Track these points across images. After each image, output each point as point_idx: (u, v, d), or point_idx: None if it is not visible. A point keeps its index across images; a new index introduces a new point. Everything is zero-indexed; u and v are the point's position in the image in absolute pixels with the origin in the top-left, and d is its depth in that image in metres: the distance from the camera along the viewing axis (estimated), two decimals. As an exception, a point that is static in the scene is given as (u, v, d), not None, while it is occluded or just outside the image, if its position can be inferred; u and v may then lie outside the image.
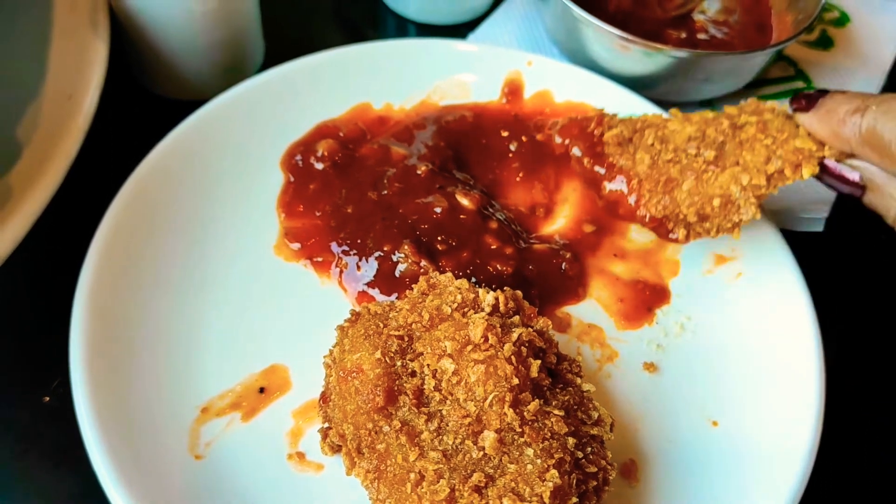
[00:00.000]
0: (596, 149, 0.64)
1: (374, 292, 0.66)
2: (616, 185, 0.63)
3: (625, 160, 0.63)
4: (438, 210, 0.67)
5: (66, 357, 0.57)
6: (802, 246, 0.68)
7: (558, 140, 0.67)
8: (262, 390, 0.60)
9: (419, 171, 0.70)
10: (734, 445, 0.59)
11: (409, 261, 0.65)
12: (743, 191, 0.58)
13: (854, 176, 0.56)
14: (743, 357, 0.63)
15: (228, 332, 0.63)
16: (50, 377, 0.63)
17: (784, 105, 0.61)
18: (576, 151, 0.65)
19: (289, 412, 0.59)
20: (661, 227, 0.62)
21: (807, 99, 0.58)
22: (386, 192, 0.69)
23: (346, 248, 0.68)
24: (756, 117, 0.60)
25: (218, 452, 0.57)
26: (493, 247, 0.67)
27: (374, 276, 0.66)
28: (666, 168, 0.61)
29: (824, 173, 0.58)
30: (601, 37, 0.78)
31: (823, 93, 0.57)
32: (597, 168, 0.64)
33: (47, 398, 0.63)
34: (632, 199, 0.62)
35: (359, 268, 0.67)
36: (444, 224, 0.67)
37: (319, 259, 0.68)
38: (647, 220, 0.62)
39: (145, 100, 0.82)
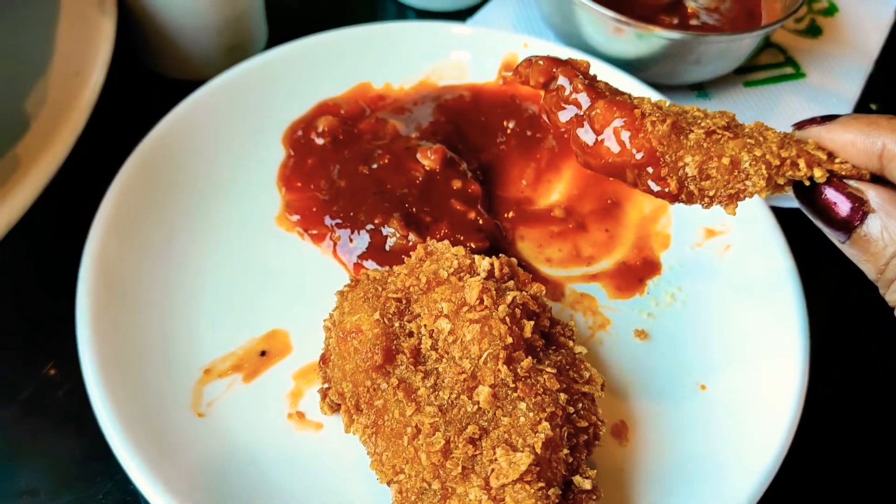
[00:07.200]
0: (591, 80, 0.53)
1: (369, 264, 0.67)
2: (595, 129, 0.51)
3: (622, 97, 0.52)
4: (419, 176, 0.68)
5: (72, 323, 0.58)
6: (790, 220, 0.69)
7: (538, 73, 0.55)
8: (263, 353, 0.62)
9: (410, 144, 0.71)
10: (722, 408, 0.60)
11: (398, 235, 0.66)
12: (754, 161, 0.49)
13: (845, 208, 0.48)
14: (731, 325, 0.65)
15: (231, 298, 0.65)
16: (56, 343, 0.64)
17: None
18: (562, 81, 0.53)
19: (289, 374, 0.61)
20: (654, 163, 0.50)
21: (821, 117, 0.51)
22: (376, 165, 0.71)
23: (338, 221, 0.69)
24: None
25: (220, 412, 0.58)
26: (459, 209, 0.68)
27: (367, 249, 0.68)
28: (673, 114, 0.51)
29: (815, 198, 0.49)
30: (596, 19, 0.80)
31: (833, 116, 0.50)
32: (582, 97, 0.52)
33: (53, 365, 0.64)
34: (625, 135, 0.50)
35: (351, 240, 0.68)
36: (427, 191, 0.68)
37: (314, 232, 0.69)
38: (637, 156, 0.50)
39: (151, 80, 0.84)
